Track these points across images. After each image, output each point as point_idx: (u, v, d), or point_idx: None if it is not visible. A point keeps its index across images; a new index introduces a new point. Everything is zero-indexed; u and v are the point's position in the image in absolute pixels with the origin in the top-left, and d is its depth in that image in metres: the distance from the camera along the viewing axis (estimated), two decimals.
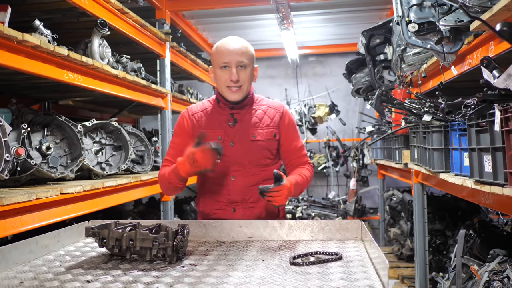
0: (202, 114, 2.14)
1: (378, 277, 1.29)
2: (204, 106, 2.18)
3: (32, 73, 2.38)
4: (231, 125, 2.08)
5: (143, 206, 5.61)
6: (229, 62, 2.01)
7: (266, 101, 2.19)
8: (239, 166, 2.06)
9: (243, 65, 2.03)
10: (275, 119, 2.13)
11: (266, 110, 2.14)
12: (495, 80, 1.61)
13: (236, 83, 2.02)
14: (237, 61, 2.01)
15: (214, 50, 2.08)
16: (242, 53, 2.03)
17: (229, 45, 2.04)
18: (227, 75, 2.02)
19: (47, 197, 2.33)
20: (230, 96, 2.05)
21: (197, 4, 5.10)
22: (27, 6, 2.85)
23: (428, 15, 2.26)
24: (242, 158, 2.06)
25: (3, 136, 2.07)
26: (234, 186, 2.06)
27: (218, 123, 2.09)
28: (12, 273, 1.43)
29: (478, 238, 2.87)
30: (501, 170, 1.76)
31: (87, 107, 4.85)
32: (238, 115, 2.09)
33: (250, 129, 2.08)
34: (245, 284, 1.26)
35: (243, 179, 2.06)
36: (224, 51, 2.03)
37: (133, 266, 1.48)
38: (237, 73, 2.01)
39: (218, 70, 2.05)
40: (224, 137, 2.06)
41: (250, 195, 2.08)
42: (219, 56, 2.04)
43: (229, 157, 2.05)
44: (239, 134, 2.06)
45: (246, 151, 2.06)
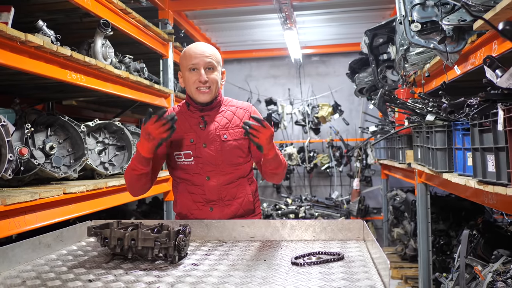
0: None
1: (379, 277, 1.29)
2: (174, 111, 2.21)
3: (36, 73, 2.39)
4: (202, 127, 2.11)
5: (146, 206, 5.63)
6: (197, 64, 2.06)
7: (235, 102, 2.23)
8: (212, 166, 2.09)
9: (210, 66, 2.07)
10: (244, 119, 2.16)
11: (235, 111, 2.18)
12: (498, 79, 1.60)
13: (205, 84, 2.06)
14: (205, 62, 2.06)
15: (182, 55, 2.13)
16: (209, 55, 2.08)
17: (197, 49, 2.09)
18: (196, 76, 2.06)
19: (50, 197, 2.34)
20: (200, 97, 2.09)
21: (200, 4, 5.11)
22: (30, 6, 2.86)
23: (431, 15, 2.26)
24: (215, 158, 2.09)
25: (6, 136, 2.08)
26: (209, 185, 2.10)
27: (189, 126, 2.12)
28: (14, 272, 1.43)
29: (482, 238, 2.86)
30: (504, 170, 1.75)
31: (90, 107, 4.86)
32: (208, 117, 2.13)
33: (220, 130, 2.11)
34: (247, 284, 1.26)
35: (217, 179, 2.10)
36: (192, 54, 2.07)
37: (135, 265, 1.48)
38: (205, 74, 2.06)
39: (186, 73, 2.09)
40: (196, 139, 2.10)
41: (225, 193, 2.11)
42: (187, 59, 2.08)
43: (203, 158, 2.08)
44: (210, 135, 2.10)
45: (218, 152, 2.09)
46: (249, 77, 7.63)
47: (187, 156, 2.10)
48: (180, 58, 2.15)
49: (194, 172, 2.10)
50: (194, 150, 2.09)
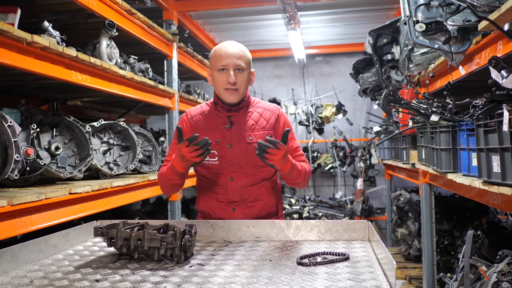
0: (200, 117, 2.19)
1: (385, 277, 1.29)
2: (202, 109, 2.22)
3: (41, 74, 2.40)
4: (228, 127, 2.12)
5: (151, 206, 5.64)
6: (227, 65, 2.05)
7: (263, 103, 2.23)
8: (236, 167, 2.10)
9: (240, 68, 2.07)
10: (271, 121, 2.16)
11: (262, 113, 2.18)
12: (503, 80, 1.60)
13: (233, 86, 2.06)
14: (235, 64, 2.05)
15: (212, 54, 2.12)
16: (239, 57, 2.07)
17: (228, 49, 2.08)
18: (225, 77, 2.06)
19: (56, 197, 2.35)
20: (228, 98, 2.09)
21: (204, 5, 5.12)
22: (36, 7, 2.88)
23: (436, 15, 2.25)
24: (239, 159, 2.09)
25: (13, 136, 2.10)
26: (232, 186, 2.10)
27: (215, 125, 2.13)
28: (22, 272, 1.44)
29: (486, 238, 2.85)
30: (509, 171, 1.75)
31: (95, 108, 4.88)
32: (235, 117, 2.13)
33: (246, 131, 2.12)
34: (253, 284, 1.27)
35: (240, 180, 2.10)
36: (223, 55, 2.06)
37: (141, 265, 1.49)
38: (234, 75, 2.05)
39: (216, 73, 2.09)
40: (221, 139, 2.10)
41: (248, 195, 2.12)
42: (217, 60, 2.08)
43: (227, 158, 2.09)
44: (236, 136, 2.10)
45: (243, 153, 2.09)
46: None
47: (211, 155, 2.10)
48: (210, 57, 2.15)
49: (217, 172, 2.11)
50: (219, 150, 2.09)
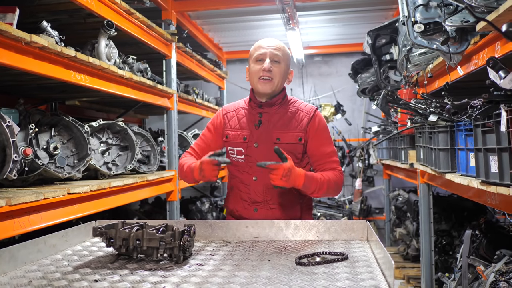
0: (234, 114, 2.19)
1: (384, 277, 1.29)
2: (238, 105, 2.22)
3: (40, 74, 2.40)
4: (256, 126, 2.10)
5: (149, 206, 5.64)
6: (263, 54, 2.06)
7: (298, 103, 2.17)
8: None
9: (277, 59, 2.07)
10: (302, 123, 2.10)
11: (295, 113, 2.13)
12: (501, 80, 1.61)
13: (268, 73, 2.04)
14: (272, 54, 2.06)
15: (252, 49, 2.14)
16: (277, 49, 2.08)
17: (267, 41, 2.11)
18: (260, 66, 2.06)
19: (55, 197, 2.35)
20: (261, 87, 2.07)
21: (203, 5, 5.12)
22: (35, 7, 2.88)
23: (434, 16, 2.26)
24: (265, 159, 2.02)
25: (11, 136, 2.09)
26: (256, 186, 2.09)
27: (246, 123, 2.13)
28: (20, 272, 1.44)
29: (484, 238, 2.86)
30: (507, 171, 1.76)
31: (94, 107, 4.88)
32: (266, 115, 2.11)
33: (274, 131, 2.08)
34: (252, 284, 1.27)
35: (264, 180, 2.06)
36: (261, 45, 2.09)
37: (140, 265, 1.49)
38: (270, 64, 2.05)
39: (252, 64, 2.09)
40: (249, 137, 2.10)
41: (271, 196, 2.09)
42: (255, 50, 2.10)
43: (252, 157, 2.07)
44: (263, 135, 2.08)
45: (268, 153, 2.04)
46: None
47: (239, 153, 2.11)
48: (250, 53, 2.15)
49: (243, 170, 2.11)
50: (246, 149, 2.09)
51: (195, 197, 6.26)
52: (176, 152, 4.37)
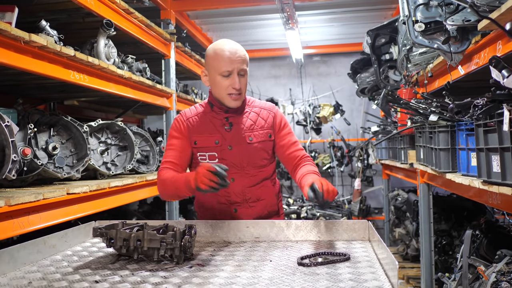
0: (197, 118, 2.13)
1: (387, 278, 1.28)
2: (197, 110, 2.16)
3: (39, 73, 2.38)
4: (228, 129, 2.08)
5: (148, 206, 5.62)
6: (232, 71, 1.99)
7: (258, 102, 2.20)
8: (237, 168, 2.07)
9: (243, 72, 2.03)
10: (269, 120, 2.14)
11: (259, 112, 2.15)
12: (504, 80, 1.60)
13: (238, 90, 2.02)
14: (239, 69, 2.00)
15: (212, 54, 2.03)
16: (243, 61, 2.02)
17: (231, 53, 2.00)
18: (229, 82, 2.00)
19: (54, 197, 2.34)
20: (231, 103, 2.05)
21: (202, 4, 5.11)
22: (34, 6, 2.86)
23: (435, 15, 2.25)
24: (240, 160, 2.07)
25: (10, 136, 2.08)
26: (234, 187, 2.07)
27: (214, 127, 2.09)
28: (20, 273, 1.43)
29: (484, 238, 2.86)
30: (509, 171, 1.75)
31: (92, 107, 4.86)
32: (233, 118, 2.10)
33: (246, 132, 2.09)
34: (253, 284, 1.26)
35: (242, 181, 2.08)
36: (226, 59, 1.99)
37: (141, 266, 1.48)
38: (239, 81, 2.01)
39: (218, 77, 2.02)
40: (221, 141, 2.07)
41: (250, 195, 2.10)
42: (219, 63, 2.00)
43: (227, 160, 2.06)
44: (236, 137, 2.07)
45: (243, 154, 2.07)
46: (250, 77, 7.58)
47: (211, 157, 2.07)
48: (210, 57, 2.05)
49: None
50: (220, 152, 2.06)
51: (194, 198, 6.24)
52: None
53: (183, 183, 1.89)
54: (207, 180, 1.69)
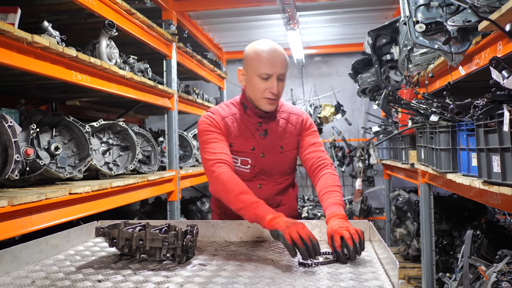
0: (233, 119, 2.03)
1: (387, 277, 1.29)
2: (230, 110, 2.05)
3: (41, 74, 2.40)
4: (262, 136, 2.02)
5: (150, 206, 5.64)
6: (272, 74, 1.91)
7: (286, 107, 2.13)
8: (266, 175, 2.04)
9: (282, 78, 1.96)
10: (297, 127, 2.09)
11: (288, 118, 2.09)
12: (504, 80, 1.61)
13: (275, 95, 1.94)
14: (279, 74, 1.92)
15: (253, 55, 1.94)
16: (284, 66, 1.95)
17: (273, 56, 1.92)
18: (267, 86, 1.92)
19: (56, 197, 2.35)
20: (266, 107, 1.97)
21: (203, 5, 5.12)
22: (36, 7, 2.87)
23: (436, 15, 2.26)
24: (271, 169, 2.03)
25: (13, 136, 2.09)
26: (260, 194, 1.97)
27: (249, 132, 2.02)
28: (23, 272, 1.44)
29: (485, 238, 2.86)
30: (510, 171, 1.75)
31: (94, 108, 4.88)
32: (266, 124, 2.03)
33: (278, 141, 2.04)
34: (255, 284, 1.27)
35: (269, 188, 2.05)
36: (267, 62, 1.90)
37: (143, 266, 1.48)
38: (277, 85, 1.93)
39: (256, 79, 1.93)
40: (256, 147, 2.01)
41: (273, 201, 2.06)
42: (260, 65, 1.91)
43: (257, 167, 2.02)
44: (269, 145, 2.02)
45: (275, 163, 2.03)
46: None
47: (244, 162, 2.01)
48: (249, 57, 1.96)
49: (246, 179, 1.98)
50: (253, 159, 2.01)
51: (195, 197, 6.25)
52: (177, 152, 4.37)
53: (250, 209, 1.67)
54: (299, 241, 1.45)
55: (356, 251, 1.49)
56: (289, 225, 1.51)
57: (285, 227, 1.51)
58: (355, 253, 1.49)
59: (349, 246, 1.49)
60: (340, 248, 1.51)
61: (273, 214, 1.61)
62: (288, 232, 1.48)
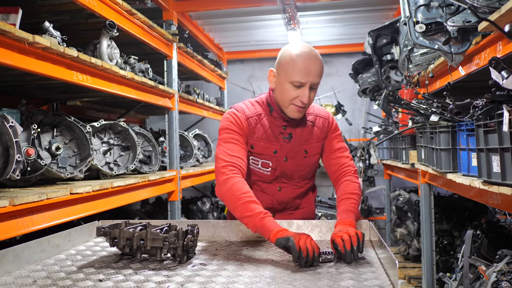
0: (257, 120, 1.97)
1: (387, 277, 1.30)
2: (255, 109, 1.99)
3: (43, 74, 2.41)
4: (287, 139, 1.97)
5: (150, 206, 5.65)
6: (305, 83, 1.83)
7: (313, 108, 2.06)
8: (287, 179, 2.02)
9: (315, 86, 1.88)
10: (323, 130, 2.05)
11: (315, 121, 2.04)
12: (504, 81, 1.61)
13: (304, 105, 1.88)
14: (313, 83, 1.84)
15: (288, 60, 1.85)
16: (319, 75, 1.86)
17: (309, 64, 1.83)
18: (298, 94, 1.84)
19: (58, 197, 2.36)
20: (293, 114, 1.91)
21: (204, 5, 5.13)
22: (37, 7, 2.88)
23: (436, 16, 2.26)
24: (292, 172, 2.00)
25: (14, 137, 2.10)
26: (280, 196, 2.02)
27: (273, 135, 1.96)
28: (25, 272, 1.45)
29: (485, 238, 2.86)
30: (509, 171, 1.76)
31: (95, 108, 4.89)
32: (291, 128, 1.98)
33: (302, 145, 1.99)
34: (256, 283, 1.28)
35: (288, 191, 2.03)
36: (303, 70, 1.82)
37: (144, 265, 1.49)
38: (309, 94, 1.85)
39: (288, 85, 1.85)
40: (279, 151, 1.96)
41: (292, 204, 2.06)
42: (294, 72, 1.82)
43: (279, 170, 1.98)
44: (293, 150, 1.98)
45: (297, 167, 2.00)
46: (252, 77, 7.65)
47: (264, 165, 1.98)
48: (284, 61, 1.87)
49: (265, 181, 2.00)
50: (275, 162, 1.97)
51: (196, 197, 6.26)
52: (177, 152, 4.38)
53: (257, 219, 1.63)
54: (305, 251, 1.45)
55: (353, 254, 1.50)
56: (300, 234, 1.53)
57: (296, 235, 1.52)
58: (350, 256, 1.50)
59: (346, 249, 1.50)
60: (343, 250, 1.53)
61: (280, 228, 1.59)
62: (298, 239, 1.49)
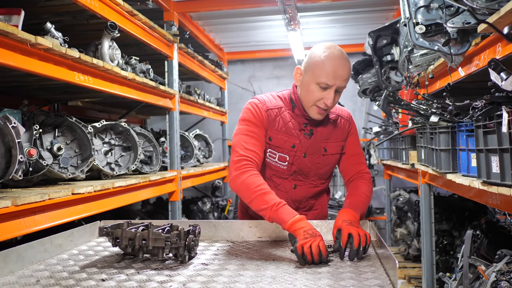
0: (278, 113, 1.95)
1: (387, 276, 1.31)
2: (277, 102, 1.98)
3: (45, 75, 2.42)
4: (307, 136, 1.95)
5: (151, 206, 5.66)
6: (332, 86, 1.82)
7: (335, 108, 2.05)
8: (303, 176, 1.99)
9: (341, 90, 1.87)
10: (344, 130, 2.04)
11: (337, 120, 2.03)
12: (503, 82, 1.62)
13: (328, 107, 1.87)
14: (339, 86, 1.84)
15: (318, 60, 1.84)
16: (346, 79, 1.84)
17: (339, 68, 1.82)
18: (322, 95, 1.83)
19: (59, 197, 2.37)
20: (315, 115, 1.90)
21: (205, 6, 5.14)
22: (38, 8, 2.89)
23: (436, 17, 2.27)
24: (309, 170, 1.98)
25: (17, 137, 2.11)
26: (294, 194, 2.00)
27: (293, 129, 1.94)
28: (28, 271, 1.46)
29: (485, 238, 2.87)
30: (508, 171, 1.77)
31: (96, 108, 4.90)
32: (313, 125, 1.97)
33: (322, 142, 1.98)
34: (257, 283, 1.29)
35: (304, 190, 2.01)
36: (331, 72, 1.80)
37: (146, 265, 1.50)
38: (333, 97, 1.84)
39: (314, 86, 1.84)
40: (298, 146, 1.94)
41: (305, 204, 2.05)
42: (322, 74, 1.81)
43: (296, 166, 1.96)
44: (312, 146, 1.96)
45: (315, 165, 1.98)
46: (252, 77, 7.66)
47: (281, 159, 1.94)
48: (313, 61, 1.86)
49: (282, 176, 1.98)
50: (292, 157, 1.94)
51: (197, 197, 6.27)
52: (178, 152, 4.39)
53: (273, 209, 1.64)
54: (308, 255, 1.48)
55: (358, 253, 1.53)
56: (307, 236, 1.53)
57: (303, 238, 1.52)
58: (355, 254, 1.53)
59: (354, 247, 1.54)
60: (345, 245, 1.58)
61: (294, 216, 1.60)
62: (302, 244, 1.50)
